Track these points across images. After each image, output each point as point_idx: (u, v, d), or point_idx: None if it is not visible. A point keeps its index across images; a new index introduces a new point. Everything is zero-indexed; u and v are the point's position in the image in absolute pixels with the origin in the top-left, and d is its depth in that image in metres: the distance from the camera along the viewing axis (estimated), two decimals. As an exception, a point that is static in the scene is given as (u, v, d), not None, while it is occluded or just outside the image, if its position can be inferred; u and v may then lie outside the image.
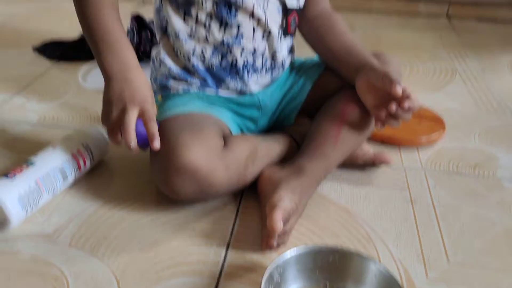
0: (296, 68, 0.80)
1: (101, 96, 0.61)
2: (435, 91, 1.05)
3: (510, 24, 1.51)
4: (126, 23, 1.14)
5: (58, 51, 1.09)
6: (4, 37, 1.22)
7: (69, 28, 1.28)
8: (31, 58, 1.10)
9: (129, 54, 0.63)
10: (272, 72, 0.74)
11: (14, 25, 1.30)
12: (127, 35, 1.09)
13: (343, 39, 0.74)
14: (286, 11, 0.71)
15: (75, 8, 0.64)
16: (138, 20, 1.12)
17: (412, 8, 1.56)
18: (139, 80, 0.61)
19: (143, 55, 1.08)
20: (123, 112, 0.59)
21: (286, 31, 0.72)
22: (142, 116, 0.60)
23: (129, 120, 0.58)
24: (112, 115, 0.60)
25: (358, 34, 1.37)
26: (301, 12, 0.75)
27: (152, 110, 0.61)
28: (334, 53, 0.74)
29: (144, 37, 1.11)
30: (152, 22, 1.12)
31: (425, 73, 1.14)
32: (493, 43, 1.35)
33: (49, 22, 1.33)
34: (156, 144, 0.59)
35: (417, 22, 1.51)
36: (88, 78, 1.02)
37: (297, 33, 0.77)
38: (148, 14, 0.71)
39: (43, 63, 1.09)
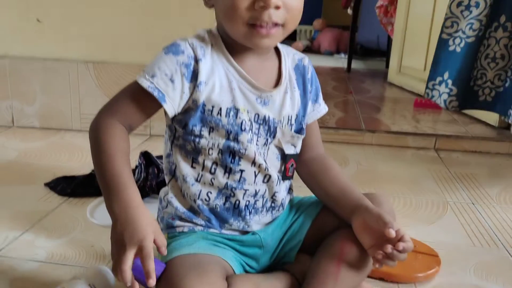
0: (295, 205, 0.85)
1: (107, 232, 0.64)
2: (428, 224, 1.10)
3: (495, 156, 1.61)
4: (134, 155, 1.23)
5: (69, 188, 1.15)
6: (17, 173, 1.29)
7: (80, 163, 1.37)
8: (43, 194, 1.16)
9: (132, 195, 0.65)
10: (272, 212, 0.79)
11: (27, 161, 1.38)
12: (136, 170, 1.17)
13: (338, 181, 0.80)
14: (284, 157, 0.78)
15: (91, 153, 0.71)
16: (146, 156, 1.20)
17: (402, 141, 1.67)
18: (140, 218, 0.64)
19: (150, 190, 1.14)
20: (122, 251, 0.61)
21: (284, 175, 0.79)
22: (139, 254, 0.62)
23: (124, 260, 0.60)
24: (114, 254, 0.62)
25: (351, 166, 1.46)
26: (298, 156, 0.82)
27: (149, 247, 0.62)
28: (330, 195, 0.79)
29: (151, 172, 1.18)
30: (158, 157, 1.21)
31: (418, 206, 1.19)
32: (480, 175, 1.42)
33: (61, 158, 1.42)
34: (151, 282, 0.60)
35: (407, 154, 1.61)
36: (95, 214, 1.07)
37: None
38: (155, 146, 0.77)
39: (54, 199, 1.14)
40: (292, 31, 0.73)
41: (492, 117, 1.81)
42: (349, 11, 2.99)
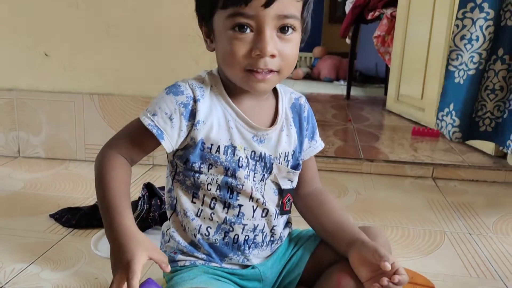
0: (294, 238, 0.87)
1: (109, 263, 0.67)
2: (426, 255, 1.12)
3: (492, 184, 1.63)
4: (137, 184, 1.26)
5: (73, 219, 1.18)
6: (23, 204, 1.32)
7: (84, 194, 1.40)
8: (48, 225, 1.19)
9: (123, 221, 0.68)
10: (271, 246, 0.82)
11: (33, 191, 1.41)
12: (139, 202, 1.20)
13: (334, 216, 0.83)
14: (281, 192, 0.81)
15: (95, 184, 0.75)
16: (149, 188, 1.23)
17: (400, 171, 1.70)
18: (129, 242, 0.66)
19: (152, 222, 1.17)
20: (114, 277, 0.65)
21: (282, 209, 0.82)
22: (123, 277, 0.63)
23: (113, 285, 0.63)
24: (112, 273, 0.65)
25: (350, 196, 1.48)
26: (295, 191, 0.85)
27: (135, 267, 0.63)
28: (326, 229, 0.82)
29: (154, 203, 1.20)
30: (161, 189, 1.24)
31: (415, 236, 1.21)
32: (477, 204, 1.45)
33: (66, 188, 1.45)
34: None
35: (405, 183, 1.63)
36: (99, 246, 1.09)
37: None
38: (158, 176, 0.81)
39: (59, 230, 1.17)
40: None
41: (488, 146, 1.84)
42: (348, 40, 3.06)
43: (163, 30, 1.57)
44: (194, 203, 0.78)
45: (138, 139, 0.76)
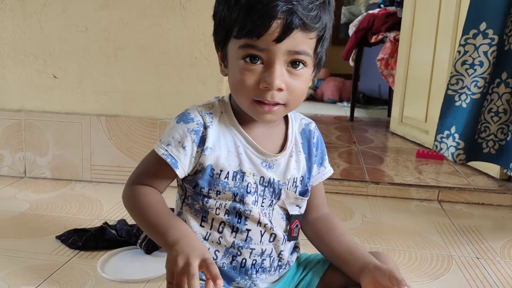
0: (303, 263, 0.87)
1: (117, 287, 0.66)
2: (434, 279, 1.11)
3: (498, 208, 1.63)
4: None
5: (80, 241, 1.18)
6: (29, 225, 1.32)
7: (89, 215, 1.40)
8: (54, 247, 1.18)
9: (185, 226, 0.73)
10: (279, 270, 0.82)
11: (39, 212, 1.41)
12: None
13: (343, 241, 0.83)
14: (289, 217, 0.82)
15: (133, 218, 0.77)
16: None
17: (405, 193, 1.70)
18: (197, 241, 0.70)
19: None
20: (187, 264, 0.64)
21: (290, 235, 0.82)
22: (203, 264, 0.65)
23: (194, 270, 0.63)
24: (178, 267, 0.65)
25: (357, 219, 1.48)
26: (303, 216, 0.85)
27: (211, 258, 0.66)
28: (337, 254, 0.82)
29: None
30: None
31: (423, 260, 1.20)
32: (484, 228, 1.44)
33: (71, 209, 1.45)
34: (219, 283, 0.62)
35: (411, 206, 1.63)
36: (106, 268, 1.09)
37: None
38: (166, 196, 0.82)
39: (65, 252, 1.16)
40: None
41: (493, 169, 1.84)
42: (351, 62, 3.09)
43: (170, 53, 1.59)
44: (203, 226, 0.78)
45: (155, 170, 0.78)
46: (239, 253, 0.78)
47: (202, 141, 0.75)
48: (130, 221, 1.26)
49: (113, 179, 1.67)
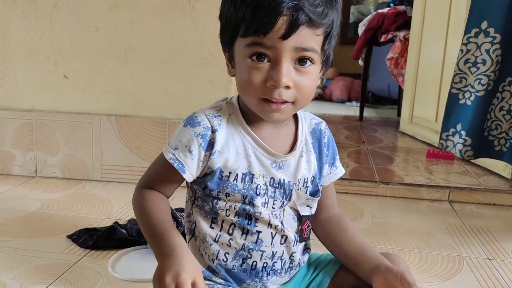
0: (313, 263, 0.87)
1: (128, 286, 0.66)
2: (445, 280, 1.10)
3: (509, 208, 1.61)
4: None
5: (91, 240, 1.18)
6: (41, 224, 1.33)
7: (100, 214, 1.40)
8: (65, 246, 1.19)
9: (177, 238, 0.71)
10: (290, 272, 0.82)
11: (50, 211, 1.42)
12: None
13: (355, 242, 0.82)
14: (300, 218, 0.81)
15: (138, 222, 0.77)
16: (165, 210, 1.23)
17: (416, 193, 1.68)
18: (187, 256, 0.68)
19: (169, 244, 1.17)
20: (178, 276, 0.63)
21: (301, 236, 0.81)
22: (195, 284, 0.64)
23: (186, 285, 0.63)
24: (166, 280, 0.63)
25: (367, 219, 1.47)
26: (314, 217, 0.84)
27: (201, 279, 0.66)
28: (348, 255, 0.81)
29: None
30: (177, 210, 1.24)
31: (433, 261, 1.20)
32: (495, 228, 1.43)
33: (82, 209, 1.46)
34: None
35: (421, 206, 1.62)
36: (117, 267, 1.09)
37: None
38: (172, 198, 0.83)
39: (76, 251, 1.17)
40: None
41: (505, 170, 1.82)
42: (360, 62, 3.07)
43: (180, 53, 1.59)
44: (213, 228, 0.78)
45: (163, 174, 0.78)
46: (249, 255, 0.77)
47: (210, 145, 0.75)
48: (140, 220, 1.26)
49: (123, 178, 1.68)
